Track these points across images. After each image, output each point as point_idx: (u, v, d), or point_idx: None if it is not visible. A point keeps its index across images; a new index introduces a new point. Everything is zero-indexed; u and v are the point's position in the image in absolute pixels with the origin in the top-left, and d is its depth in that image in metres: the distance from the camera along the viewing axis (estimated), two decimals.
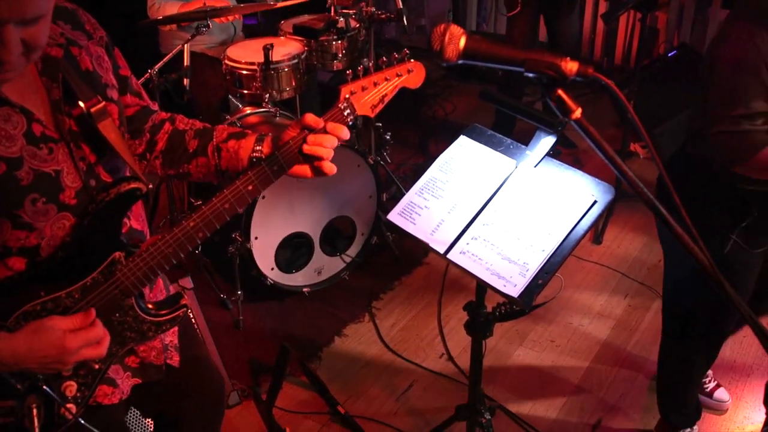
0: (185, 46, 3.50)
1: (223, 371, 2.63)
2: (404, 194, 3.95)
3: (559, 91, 1.10)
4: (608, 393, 3.05)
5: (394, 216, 2.14)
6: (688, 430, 2.84)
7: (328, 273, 3.56)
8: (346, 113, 1.65)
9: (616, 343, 3.32)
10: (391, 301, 3.59)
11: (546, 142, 2.03)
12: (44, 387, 1.47)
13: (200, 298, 2.84)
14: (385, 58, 1.70)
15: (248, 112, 3.67)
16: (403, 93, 3.95)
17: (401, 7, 3.64)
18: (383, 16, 3.66)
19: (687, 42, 5.69)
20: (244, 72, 3.65)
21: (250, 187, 1.57)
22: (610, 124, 5.41)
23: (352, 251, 3.61)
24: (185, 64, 3.57)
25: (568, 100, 1.10)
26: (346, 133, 1.63)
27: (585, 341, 3.33)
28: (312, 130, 1.60)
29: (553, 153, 2.05)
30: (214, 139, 1.71)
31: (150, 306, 1.62)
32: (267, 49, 3.55)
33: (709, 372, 3.05)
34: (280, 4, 3.88)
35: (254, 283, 3.35)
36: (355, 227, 3.56)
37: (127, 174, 1.63)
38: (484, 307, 2.24)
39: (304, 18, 4.15)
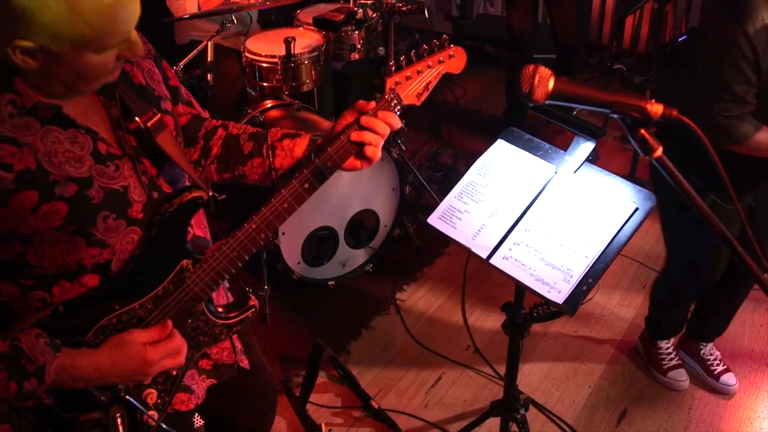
0: (209, 42, 3.51)
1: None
2: (422, 182, 4.03)
3: (642, 131, 1.13)
4: (632, 383, 3.11)
5: (434, 220, 2.17)
6: (665, 341, 3.15)
7: (352, 265, 3.60)
8: (393, 104, 1.67)
9: (638, 332, 3.36)
10: (415, 292, 3.64)
11: (585, 147, 2.07)
12: (127, 397, 1.53)
13: None
14: (426, 46, 1.72)
15: (269, 105, 3.69)
16: None
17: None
18: (404, 8, 3.66)
19: (696, 26, 5.69)
20: (265, 65, 3.65)
21: (306, 185, 1.61)
22: None
23: (375, 243, 3.65)
24: (209, 59, 3.58)
25: (650, 140, 1.14)
26: (397, 121, 1.66)
27: (607, 331, 3.38)
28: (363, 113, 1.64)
29: (592, 158, 2.09)
30: (269, 139, 1.76)
31: (220, 309, 1.68)
32: (288, 42, 3.56)
33: (717, 353, 3.15)
34: None
35: (280, 277, 3.40)
36: (378, 220, 3.60)
37: (187, 183, 1.67)
38: (522, 309, 2.28)
39: (321, 7, 4.16)
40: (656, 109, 1.15)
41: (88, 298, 1.50)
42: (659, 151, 1.14)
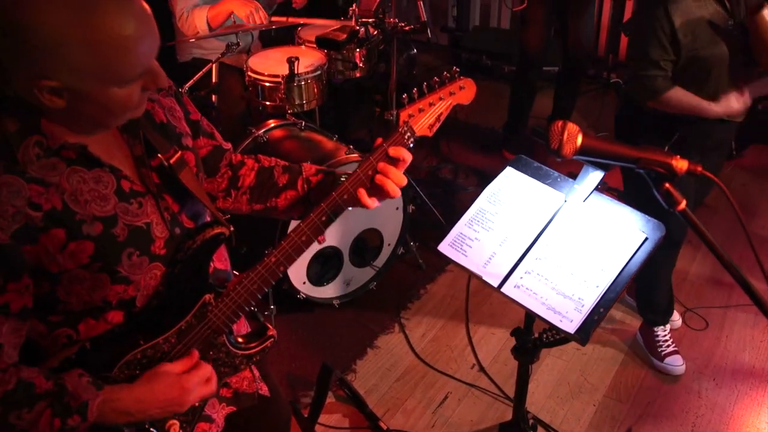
0: (214, 65, 3.53)
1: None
2: (424, 199, 4.04)
3: (667, 185, 1.16)
4: (636, 401, 3.14)
5: (444, 247, 2.19)
6: (661, 327, 3.34)
7: (356, 284, 3.63)
8: (406, 137, 1.71)
9: (640, 350, 3.40)
10: (419, 310, 3.66)
11: (594, 176, 2.09)
12: (151, 429, 1.56)
13: None
14: (437, 78, 1.76)
15: (273, 125, 3.71)
16: (408, 92, 4.00)
17: (425, 19, 3.68)
18: (407, 27, 3.69)
19: None
20: (267, 84, 3.68)
21: (323, 218, 1.65)
22: None
23: (379, 262, 3.67)
24: (214, 80, 3.60)
25: (675, 193, 1.17)
26: (408, 156, 1.70)
27: (610, 349, 3.42)
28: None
29: (601, 187, 2.12)
30: (304, 173, 1.81)
31: (240, 340, 1.71)
32: (292, 62, 3.58)
33: (669, 337, 3.35)
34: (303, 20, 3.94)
35: (285, 297, 3.42)
36: (382, 238, 3.62)
37: (207, 218, 1.70)
38: (531, 334, 2.31)
39: (322, 26, 4.18)
40: (681, 165, 1.18)
41: (113, 335, 1.53)
42: (683, 204, 1.17)
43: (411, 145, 1.73)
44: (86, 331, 1.53)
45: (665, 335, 3.34)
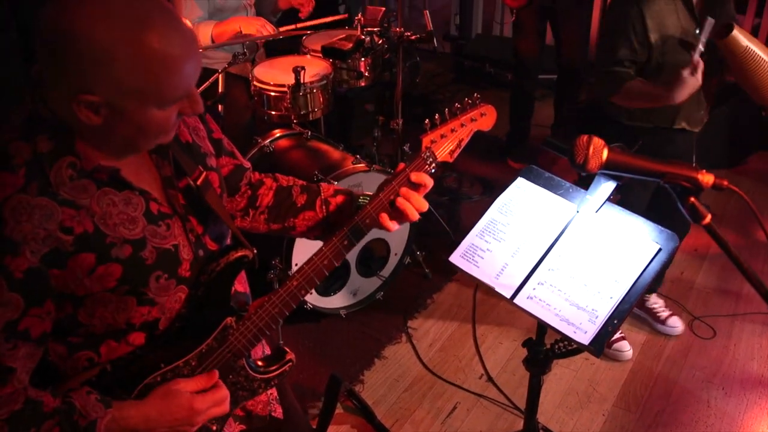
0: (221, 75, 3.52)
1: None
2: (430, 208, 4.04)
3: (692, 200, 1.16)
4: (645, 411, 3.13)
5: (456, 258, 2.18)
6: (653, 295, 3.59)
7: (363, 294, 3.62)
8: (428, 162, 1.73)
9: (648, 359, 3.40)
10: (426, 320, 3.65)
11: (606, 187, 2.09)
12: None
13: None
14: (458, 105, 1.79)
15: (278, 134, 3.71)
16: (412, 100, 3.96)
17: (431, 28, 3.68)
18: (413, 37, 3.69)
19: None
20: (273, 94, 3.66)
21: (345, 242, 1.67)
22: None
23: (386, 272, 3.66)
24: (220, 90, 3.59)
25: (700, 207, 1.16)
26: (429, 181, 1.72)
27: (617, 358, 3.40)
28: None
29: (614, 198, 2.11)
30: (322, 194, 1.82)
31: (260, 363, 1.70)
32: (297, 72, 3.58)
33: (661, 301, 3.59)
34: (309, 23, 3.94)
35: None
36: (389, 248, 3.61)
37: (229, 241, 1.69)
38: (543, 345, 2.30)
39: (327, 35, 4.18)
40: (707, 179, 1.18)
41: (134, 357, 1.52)
42: (708, 218, 1.17)
43: (432, 171, 1.76)
44: (107, 354, 1.51)
45: (658, 304, 3.55)
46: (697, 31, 2.80)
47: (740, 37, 2.73)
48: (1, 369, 1.36)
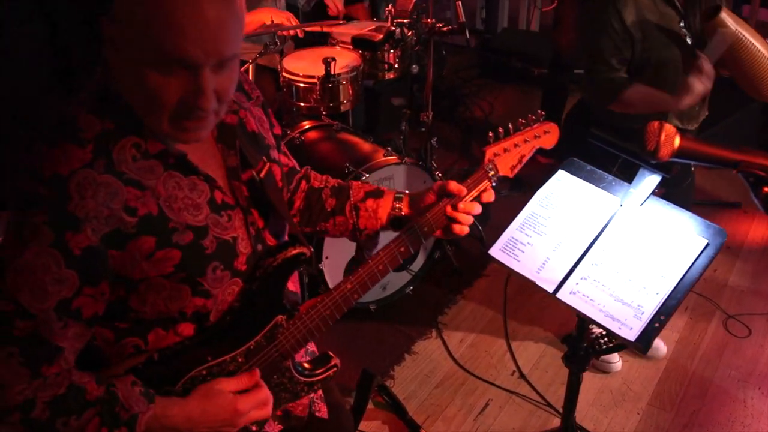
0: (251, 66, 3.49)
1: None
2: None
3: (766, 189, 1.11)
4: (680, 410, 3.08)
5: (495, 252, 2.14)
6: None
7: (392, 288, 3.57)
8: (491, 174, 1.73)
9: (682, 357, 3.34)
10: (457, 315, 3.60)
11: (651, 180, 2.03)
12: None
13: None
14: (523, 120, 1.78)
15: (308, 126, 3.68)
16: (438, 94, 3.88)
17: (463, 20, 3.62)
18: (445, 28, 3.64)
19: None
20: (302, 85, 3.63)
21: (402, 249, 1.65)
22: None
23: (416, 266, 3.62)
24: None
25: None
26: (492, 196, 1.73)
27: (652, 357, 3.35)
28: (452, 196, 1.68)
29: (658, 192, 2.06)
30: (351, 198, 1.76)
31: (306, 366, 1.66)
32: (328, 63, 3.54)
33: None
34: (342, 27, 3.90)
35: None
36: None
37: (286, 237, 1.66)
38: (584, 341, 2.25)
39: (356, 26, 4.15)
40: None
41: (182, 347, 1.48)
42: None
43: (494, 184, 1.77)
44: (155, 342, 1.48)
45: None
46: (681, 24, 2.67)
47: (728, 19, 2.51)
48: (49, 347, 1.33)
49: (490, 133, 1.74)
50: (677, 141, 1.20)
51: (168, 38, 1.22)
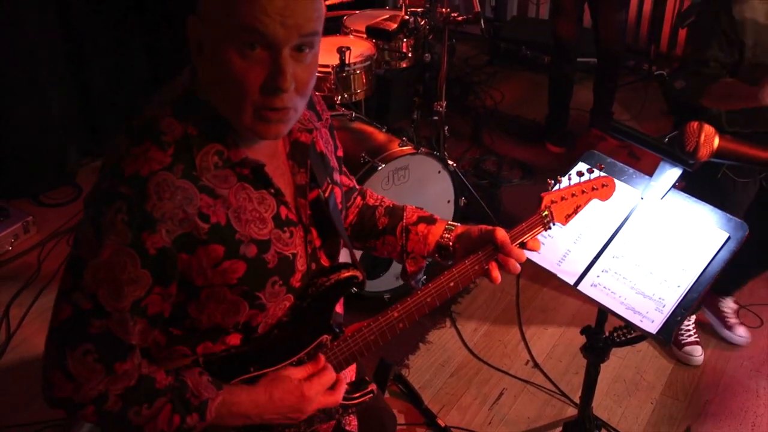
0: None
1: None
2: (472, 192, 3.99)
3: None
4: (693, 399, 3.09)
5: None
6: (728, 299, 3.39)
7: None
8: (546, 222, 1.73)
9: None
10: (470, 305, 3.62)
11: (671, 174, 2.04)
12: None
13: None
14: (583, 171, 1.80)
15: None
16: (447, 83, 3.83)
17: (479, 9, 3.62)
18: (460, 18, 3.63)
19: None
20: (317, 74, 3.62)
21: (451, 284, 1.65)
22: (660, 112, 5.41)
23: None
24: None
25: None
26: (538, 246, 1.75)
27: (665, 347, 3.36)
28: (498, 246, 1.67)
29: (679, 185, 2.06)
30: (404, 220, 1.77)
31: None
32: (342, 52, 3.54)
33: (734, 306, 3.40)
34: None
35: None
36: None
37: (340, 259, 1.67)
38: (602, 333, 2.27)
39: (369, 14, 4.14)
40: None
41: (227, 355, 1.50)
42: None
43: (547, 230, 1.76)
44: (203, 352, 1.50)
45: (688, 324, 3.29)
46: None
47: None
48: (123, 345, 1.36)
49: (549, 180, 1.75)
50: (716, 141, 1.21)
51: (247, 12, 1.24)
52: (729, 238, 1.94)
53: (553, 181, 1.76)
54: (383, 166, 3.15)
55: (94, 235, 1.30)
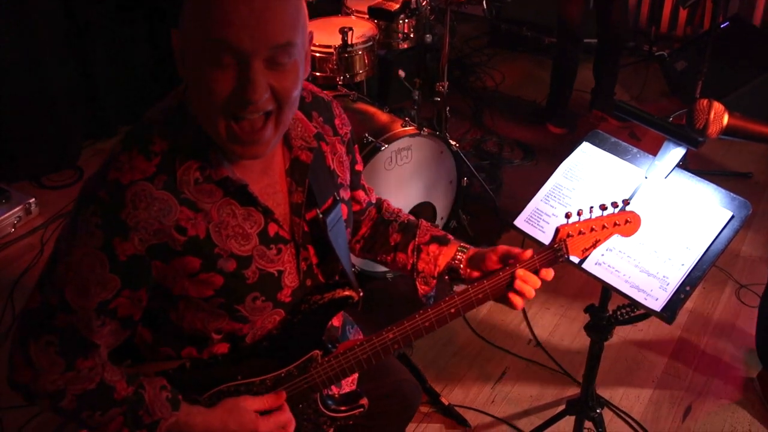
0: None
1: None
2: (473, 172, 4.00)
3: None
4: (693, 378, 3.12)
5: (520, 222, 2.17)
6: None
7: None
8: (558, 254, 1.68)
9: (696, 326, 3.38)
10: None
11: (676, 153, 2.05)
12: None
13: None
14: (605, 204, 1.71)
15: None
16: (449, 63, 3.78)
17: None
18: None
19: (738, 12, 5.62)
20: (318, 55, 3.63)
21: (452, 311, 1.64)
22: (660, 93, 5.41)
23: None
24: None
25: None
26: (551, 275, 1.69)
27: (666, 326, 3.38)
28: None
29: (683, 164, 2.07)
30: (417, 239, 1.77)
31: (332, 401, 1.69)
32: (345, 32, 3.54)
33: None
34: None
35: None
36: (435, 212, 3.60)
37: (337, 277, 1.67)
38: (606, 311, 2.28)
39: None
40: None
41: (215, 361, 1.52)
42: None
43: (559, 262, 1.71)
44: (188, 356, 1.53)
45: None
46: None
47: None
48: (86, 343, 1.38)
49: (568, 212, 1.67)
50: (726, 119, 1.22)
51: (214, 23, 1.23)
52: (732, 216, 1.95)
53: (571, 214, 1.69)
54: (386, 146, 3.16)
55: (70, 233, 1.33)
